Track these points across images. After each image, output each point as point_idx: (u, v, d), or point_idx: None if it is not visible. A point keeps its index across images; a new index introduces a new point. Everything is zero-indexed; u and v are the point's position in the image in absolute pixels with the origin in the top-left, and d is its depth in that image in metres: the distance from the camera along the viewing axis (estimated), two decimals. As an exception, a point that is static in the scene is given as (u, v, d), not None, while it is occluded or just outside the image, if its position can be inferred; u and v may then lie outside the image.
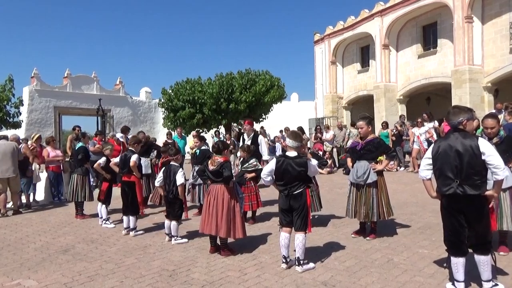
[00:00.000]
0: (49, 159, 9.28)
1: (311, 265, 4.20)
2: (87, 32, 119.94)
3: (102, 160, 6.76)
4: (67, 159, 9.98)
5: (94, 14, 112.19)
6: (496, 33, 16.27)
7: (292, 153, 4.25)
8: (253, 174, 6.31)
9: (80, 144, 7.86)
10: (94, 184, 7.70)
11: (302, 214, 4.16)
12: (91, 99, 22.18)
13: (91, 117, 22.54)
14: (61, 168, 9.56)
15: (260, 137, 8.28)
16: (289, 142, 4.32)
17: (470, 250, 3.44)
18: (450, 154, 3.36)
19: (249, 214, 6.68)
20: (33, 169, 8.95)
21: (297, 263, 4.13)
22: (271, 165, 4.33)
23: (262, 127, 16.65)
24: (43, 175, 9.53)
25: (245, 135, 8.22)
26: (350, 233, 5.43)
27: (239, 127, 22.28)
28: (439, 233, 5.12)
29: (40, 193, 9.46)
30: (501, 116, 9.10)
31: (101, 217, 6.72)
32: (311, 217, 4.52)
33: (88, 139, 8.70)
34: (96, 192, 7.75)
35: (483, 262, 3.35)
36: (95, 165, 6.75)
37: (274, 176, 4.31)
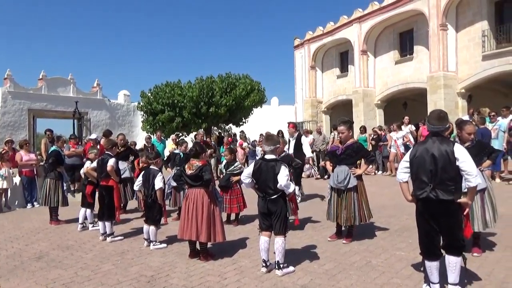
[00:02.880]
0: (22, 163, 9.01)
1: (291, 268, 4.21)
2: (64, 33, 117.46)
3: (89, 163, 6.59)
4: (42, 163, 9.71)
5: (71, 14, 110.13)
6: (469, 40, 16.82)
7: (269, 156, 4.29)
8: (239, 177, 6.34)
9: (53, 147, 7.66)
10: (66, 189, 7.48)
11: (280, 218, 4.17)
12: (67, 101, 21.70)
13: (67, 120, 22.05)
14: (35, 172, 9.29)
15: (303, 137, 8.81)
16: (264, 146, 4.39)
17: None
18: (426, 158, 3.38)
19: (232, 216, 6.70)
20: (5, 173, 8.67)
21: (277, 267, 4.13)
22: (250, 167, 4.36)
23: (242, 131, 16.64)
24: (16, 180, 9.24)
25: (290, 137, 8.58)
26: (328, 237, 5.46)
27: (219, 131, 22.24)
28: (416, 235, 5.18)
29: (12, 198, 9.16)
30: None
31: (82, 222, 6.55)
32: (289, 221, 4.53)
33: (63, 143, 8.47)
34: (70, 197, 7.57)
35: (453, 263, 3.36)
36: (85, 170, 6.55)
37: (253, 179, 4.31)
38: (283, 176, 4.09)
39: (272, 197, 4.16)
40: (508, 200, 7.33)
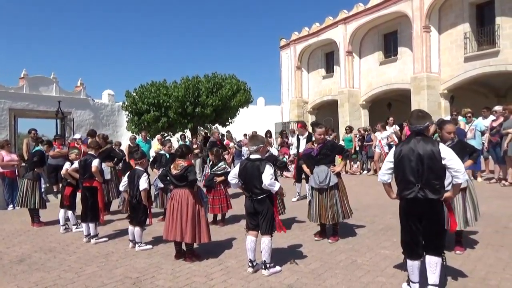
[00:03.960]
0: (3, 163, 8.81)
1: (278, 268, 4.22)
2: (45, 31, 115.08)
3: (68, 164, 6.48)
4: (23, 164, 9.51)
5: (53, 13, 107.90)
6: (451, 42, 17.16)
7: (254, 156, 4.30)
8: (222, 178, 6.39)
9: (38, 147, 7.49)
10: (44, 191, 7.25)
11: (267, 218, 4.18)
12: (50, 101, 21.27)
13: (49, 120, 21.62)
14: (16, 173, 9.09)
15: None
16: (249, 146, 4.42)
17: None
18: (411, 158, 3.37)
19: (219, 216, 6.68)
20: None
21: (263, 267, 4.14)
22: (236, 168, 4.38)
23: (228, 131, 16.61)
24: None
25: (300, 136, 8.51)
26: (314, 237, 5.49)
27: (206, 131, 22.16)
28: (400, 234, 5.30)
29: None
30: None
31: (63, 224, 6.44)
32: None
33: (50, 148, 8.31)
34: (53, 199, 7.40)
35: (433, 263, 3.35)
36: (64, 171, 6.43)
37: (240, 180, 4.32)
38: (268, 175, 4.10)
39: (259, 197, 4.17)
40: (489, 199, 7.50)
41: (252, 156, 4.31)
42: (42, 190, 7.11)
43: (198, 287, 3.90)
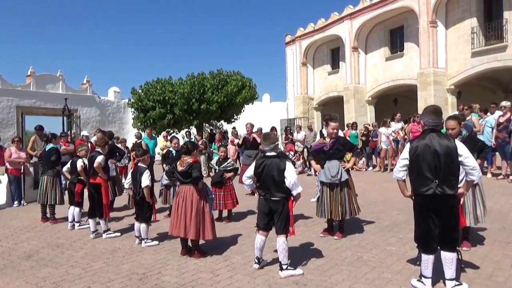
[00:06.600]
0: (10, 159, 8.86)
1: (298, 271, 4.01)
2: (52, 29, 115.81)
3: (81, 161, 6.51)
4: (31, 161, 9.58)
5: (59, 10, 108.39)
6: (458, 37, 16.97)
7: (271, 153, 4.19)
8: (231, 174, 6.42)
9: (51, 145, 7.53)
10: (64, 186, 7.37)
11: (282, 216, 4.05)
12: (56, 98, 21.41)
13: (56, 117, 21.77)
14: (22, 171, 9.11)
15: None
16: (264, 146, 4.27)
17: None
18: (428, 155, 3.38)
19: (224, 213, 6.69)
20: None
21: (280, 268, 4.01)
22: (251, 168, 4.27)
23: (234, 128, 16.62)
24: (4, 178, 9.10)
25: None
26: (320, 233, 5.49)
27: (211, 127, 22.18)
28: (406, 231, 5.30)
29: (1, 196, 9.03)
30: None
31: (72, 221, 6.49)
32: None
33: (59, 140, 8.37)
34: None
35: (449, 259, 3.39)
36: (78, 168, 6.47)
37: (255, 180, 4.22)
38: (292, 172, 3.99)
39: (274, 198, 4.04)
40: (496, 195, 7.45)
41: (269, 154, 4.17)
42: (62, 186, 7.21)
43: (204, 283, 3.92)
